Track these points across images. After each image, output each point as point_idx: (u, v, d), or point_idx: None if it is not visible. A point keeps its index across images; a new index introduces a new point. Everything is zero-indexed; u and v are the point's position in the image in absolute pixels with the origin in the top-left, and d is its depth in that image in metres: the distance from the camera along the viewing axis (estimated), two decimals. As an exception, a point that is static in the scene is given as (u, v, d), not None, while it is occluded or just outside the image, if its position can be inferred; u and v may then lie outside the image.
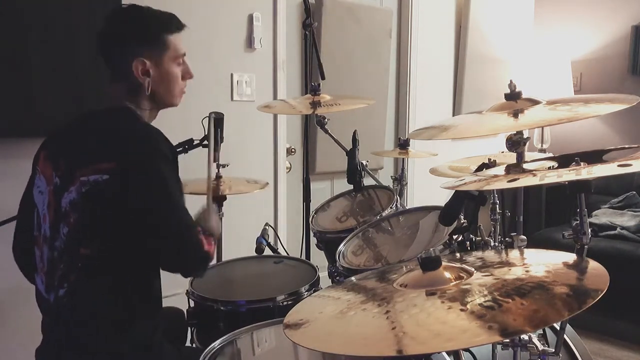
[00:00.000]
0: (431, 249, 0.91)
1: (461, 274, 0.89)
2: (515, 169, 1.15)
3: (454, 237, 1.36)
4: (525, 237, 1.29)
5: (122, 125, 1.34)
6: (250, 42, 2.66)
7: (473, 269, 0.91)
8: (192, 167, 1.68)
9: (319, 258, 1.98)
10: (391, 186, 2.14)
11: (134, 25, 1.35)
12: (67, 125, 1.41)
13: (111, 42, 1.35)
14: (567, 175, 0.93)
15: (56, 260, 1.29)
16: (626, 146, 1.17)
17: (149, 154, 1.27)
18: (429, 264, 0.90)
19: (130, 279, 1.30)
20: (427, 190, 3.29)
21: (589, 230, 0.99)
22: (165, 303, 1.56)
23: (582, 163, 0.99)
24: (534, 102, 1.20)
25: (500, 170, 1.20)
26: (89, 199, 1.25)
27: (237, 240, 2.32)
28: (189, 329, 1.62)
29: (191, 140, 1.71)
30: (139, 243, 1.27)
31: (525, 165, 1.16)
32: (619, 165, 0.87)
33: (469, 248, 1.36)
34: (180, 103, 1.45)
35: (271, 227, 2.11)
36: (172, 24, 1.37)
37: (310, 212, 2.13)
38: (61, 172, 1.30)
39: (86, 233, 1.26)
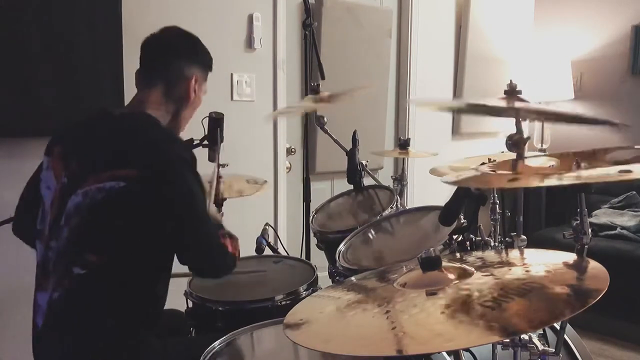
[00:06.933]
0: (431, 249, 0.91)
1: (461, 274, 0.89)
2: (515, 169, 1.15)
3: (454, 237, 1.35)
4: (525, 237, 1.29)
5: (144, 132, 1.33)
6: (250, 42, 2.66)
7: (473, 269, 0.91)
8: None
9: (319, 258, 1.98)
10: (391, 186, 2.14)
11: (202, 52, 1.53)
12: (85, 123, 1.39)
13: (177, 53, 1.45)
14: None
15: (51, 262, 1.26)
16: (624, 146, 1.16)
17: (173, 163, 1.27)
18: (429, 264, 0.90)
19: (132, 288, 1.29)
20: (427, 190, 3.29)
21: (589, 230, 0.99)
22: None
23: (582, 163, 0.99)
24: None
25: (500, 170, 1.19)
26: (103, 206, 1.23)
27: (237, 240, 2.32)
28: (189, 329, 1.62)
29: (191, 140, 1.71)
30: (152, 252, 1.27)
31: (525, 165, 1.16)
32: (619, 172, 0.87)
33: (469, 248, 1.36)
34: None
35: (271, 227, 2.11)
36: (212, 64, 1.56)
37: (310, 212, 2.13)
38: (71, 174, 1.28)
39: (93, 239, 1.25)
